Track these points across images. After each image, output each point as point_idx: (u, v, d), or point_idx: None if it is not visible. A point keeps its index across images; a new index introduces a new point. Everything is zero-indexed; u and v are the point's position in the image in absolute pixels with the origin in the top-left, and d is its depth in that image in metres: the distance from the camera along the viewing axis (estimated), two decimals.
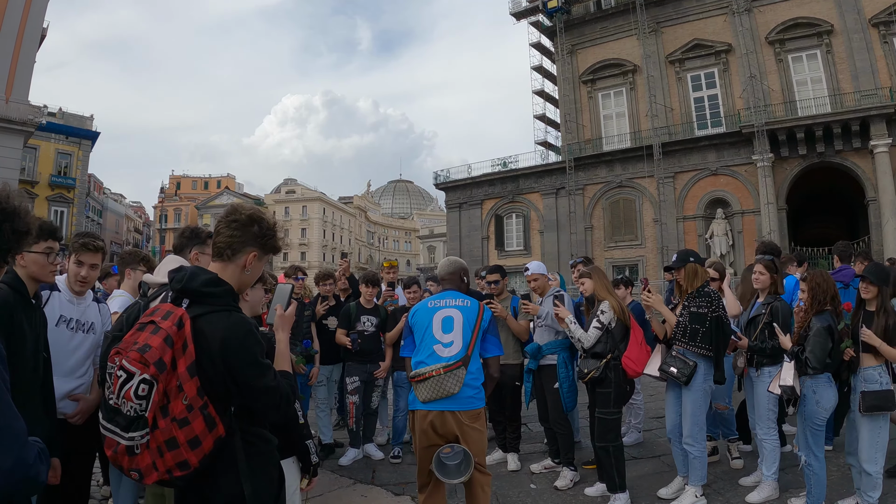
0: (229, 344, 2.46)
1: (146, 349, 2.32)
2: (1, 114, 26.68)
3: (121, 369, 2.32)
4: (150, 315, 2.50)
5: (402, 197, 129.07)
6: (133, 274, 5.31)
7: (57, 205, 51.77)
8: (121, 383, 2.30)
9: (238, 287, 2.74)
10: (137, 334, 2.41)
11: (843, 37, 31.92)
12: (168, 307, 2.51)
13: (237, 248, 2.70)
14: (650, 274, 35.43)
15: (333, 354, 7.91)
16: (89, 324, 4.21)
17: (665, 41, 38.12)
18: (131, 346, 2.35)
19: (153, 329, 2.39)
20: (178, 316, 2.44)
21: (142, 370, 2.29)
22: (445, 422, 4.42)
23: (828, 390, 5.22)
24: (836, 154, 31.38)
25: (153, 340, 2.35)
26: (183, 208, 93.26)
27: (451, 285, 4.88)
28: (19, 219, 2.22)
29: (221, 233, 2.72)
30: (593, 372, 5.86)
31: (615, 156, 38.72)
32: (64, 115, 55.02)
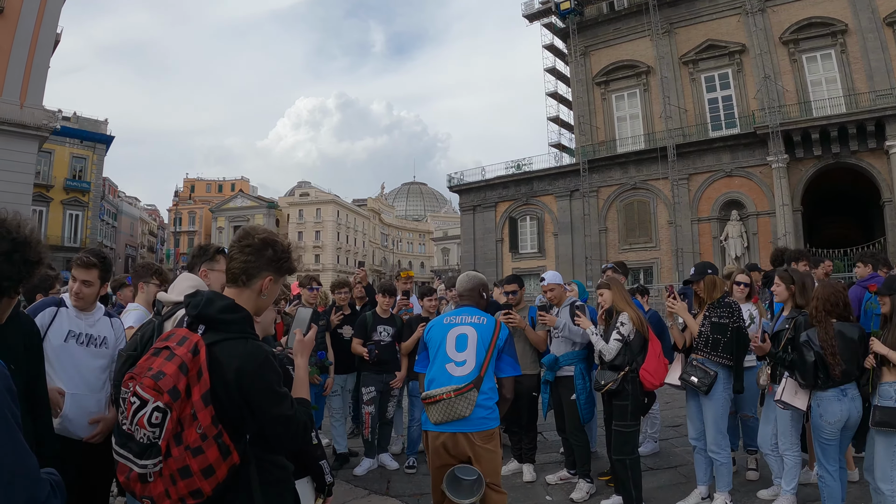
0: (245, 372, 2.41)
1: (160, 376, 2.27)
2: (15, 119, 26.84)
3: (134, 395, 2.27)
4: (165, 340, 2.45)
5: (416, 199, 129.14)
6: (146, 287, 5.28)
7: (72, 209, 52.12)
8: (134, 410, 2.26)
9: (255, 312, 2.69)
10: (152, 360, 2.36)
11: (858, 36, 31.76)
12: (183, 332, 2.46)
13: (252, 273, 2.66)
14: (664, 276, 35.36)
15: (348, 363, 7.90)
16: (101, 338, 4.17)
17: (678, 42, 38.02)
18: (145, 372, 2.30)
19: (168, 355, 2.35)
20: (193, 342, 2.39)
21: (155, 397, 2.25)
22: (457, 443, 4.37)
23: (833, 404, 5.13)
24: (851, 155, 31.16)
25: (168, 367, 2.30)
26: (197, 211, 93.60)
27: (470, 301, 4.84)
28: (30, 248, 2.25)
29: (235, 258, 2.68)
30: (610, 384, 5.80)
31: (629, 158, 38.62)
32: (79, 119, 55.27)
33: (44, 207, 48.71)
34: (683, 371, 5.93)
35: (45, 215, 49.48)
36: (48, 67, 29.54)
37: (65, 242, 50.76)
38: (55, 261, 47.01)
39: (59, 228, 51.05)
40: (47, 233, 49.35)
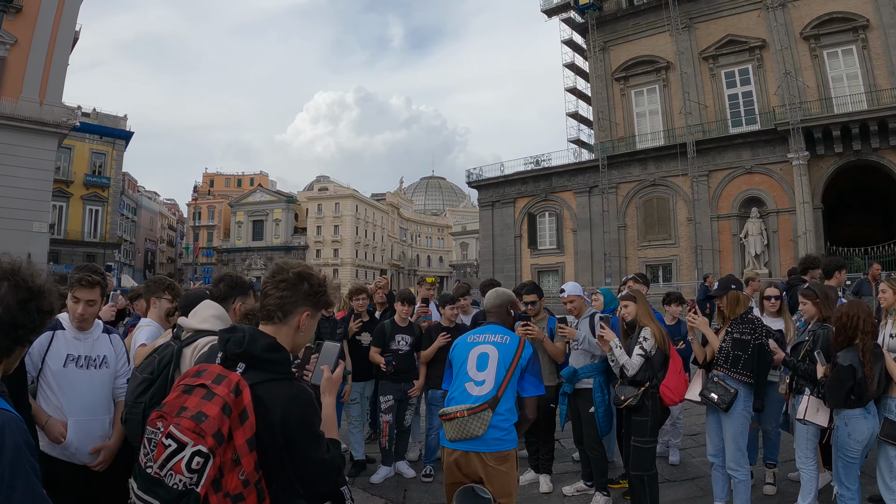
0: (291, 416, 2.33)
1: (202, 418, 2.14)
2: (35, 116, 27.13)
3: (168, 437, 2.13)
4: (196, 377, 2.33)
5: (435, 193, 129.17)
6: (158, 303, 5.28)
7: (92, 204, 52.57)
8: (169, 454, 2.11)
9: (292, 349, 2.60)
10: (184, 398, 2.24)
11: (879, 31, 31.48)
12: (218, 370, 2.34)
13: (289, 308, 2.57)
14: (683, 274, 35.24)
15: (366, 371, 7.92)
16: (101, 358, 4.13)
17: (698, 37, 37.81)
18: (179, 412, 2.18)
19: (205, 394, 2.23)
20: (233, 382, 2.27)
21: (196, 441, 2.11)
22: (470, 462, 4.34)
23: (860, 422, 5.11)
24: (872, 152, 30.92)
25: (210, 409, 2.17)
26: (216, 206, 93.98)
27: (497, 319, 4.81)
28: (45, 298, 2.24)
29: (270, 294, 2.59)
30: (630, 399, 5.78)
31: (649, 154, 38.52)
32: (98, 115, 55.75)
33: (64, 203, 49.17)
34: (704, 387, 5.88)
35: (65, 211, 49.97)
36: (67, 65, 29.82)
37: (85, 237, 51.27)
38: (76, 256, 47.45)
39: (80, 224, 51.52)
40: (67, 228, 49.89)
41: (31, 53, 27.57)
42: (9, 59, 27.02)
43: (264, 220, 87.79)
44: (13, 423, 1.97)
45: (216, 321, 3.85)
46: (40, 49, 27.73)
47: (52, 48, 28.16)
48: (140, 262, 77.65)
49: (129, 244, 70.22)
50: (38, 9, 27.79)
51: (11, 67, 27.02)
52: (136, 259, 76.00)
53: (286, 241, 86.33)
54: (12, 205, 25.85)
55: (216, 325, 3.80)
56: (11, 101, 26.61)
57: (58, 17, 28.42)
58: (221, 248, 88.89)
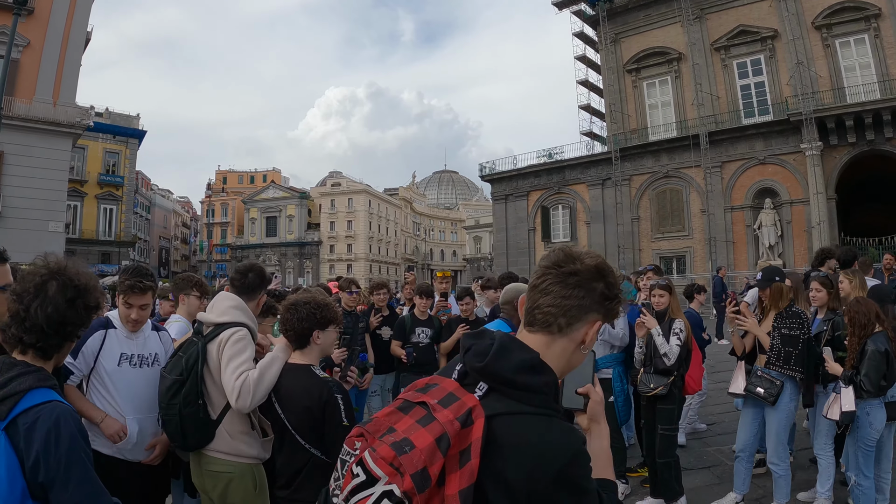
0: (548, 473, 1.49)
1: (404, 448, 1.48)
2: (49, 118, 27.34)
3: (359, 465, 1.52)
4: (422, 391, 1.64)
5: (448, 187, 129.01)
6: (187, 300, 5.42)
7: (106, 203, 53.00)
8: (355, 486, 1.52)
9: (560, 372, 1.77)
10: (397, 416, 1.60)
11: (892, 20, 31.26)
12: (452, 387, 1.62)
13: (575, 315, 1.76)
14: (697, 265, 35.22)
15: (387, 364, 8.08)
16: (153, 356, 4.15)
17: (710, 28, 37.65)
18: (384, 433, 1.55)
19: (423, 417, 1.56)
20: (466, 408, 1.54)
21: (390, 477, 1.46)
22: None
23: (880, 411, 5.26)
24: (886, 142, 30.73)
25: (420, 438, 1.50)
26: (230, 203, 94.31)
27: (506, 314, 4.94)
28: (90, 295, 2.37)
29: (551, 291, 1.78)
30: (661, 388, 5.95)
31: (661, 145, 38.45)
32: (111, 114, 56.15)
33: (78, 202, 49.55)
34: (748, 382, 5.93)
35: (80, 210, 50.35)
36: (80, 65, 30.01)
37: (99, 236, 51.67)
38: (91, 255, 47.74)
39: (94, 222, 51.96)
40: (82, 227, 50.29)
41: (44, 55, 27.77)
42: (22, 61, 27.19)
43: (277, 217, 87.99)
44: (68, 414, 2.12)
45: (236, 312, 3.97)
46: (53, 50, 27.93)
47: (64, 49, 28.36)
48: (154, 259, 77.93)
49: (143, 242, 70.53)
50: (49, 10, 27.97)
51: (25, 69, 27.21)
52: (151, 257, 76.25)
53: (300, 237, 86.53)
54: (28, 205, 26.09)
55: (237, 317, 3.92)
56: (26, 102, 26.80)
57: (69, 19, 28.61)
58: (235, 244, 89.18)
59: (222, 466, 3.75)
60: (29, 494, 2.01)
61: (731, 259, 33.93)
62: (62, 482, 2.03)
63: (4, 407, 2.05)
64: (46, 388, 2.17)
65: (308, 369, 3.58)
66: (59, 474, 2.03)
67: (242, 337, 3.81)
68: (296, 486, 3.38)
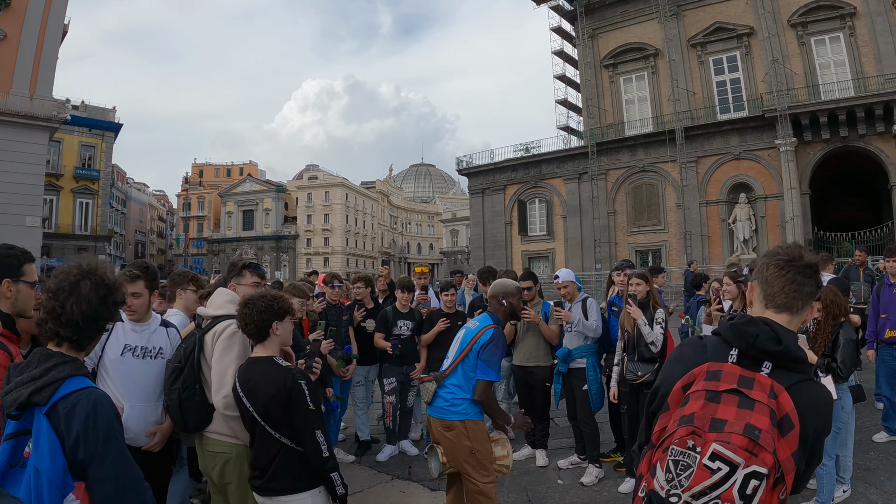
0: (827, 420, 2.04)
1: (755, 432, 1.79)
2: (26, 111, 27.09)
3: (714, 458, 1.78)
4: (712, 379, 1.99)
5: (425, 181, 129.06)
6: (184, 294, 5.53)
7: (82, 197, 52.67)
8: (718, 479, 1.76)
9: None
10: (713, 407, 1.89)
11: (866, 19, 31.63)
12: (737, 370, 1.99)
13: (808, 300, 2.19)
14: (673, 259, 35.55)
15: (370, 355, 8.21)
16: (157, 349, 4.33)
17: (686, 24, 37.94)
18: (716, 426, 1.84)
19: (741, 401, 1.89)
20: (767, 386, 1.91)
21: (748, 461, 1.75)
22: (430, 424, 4.91)
23: (848, 395, 5.54)
24: (859, 138, 31.19)
25: (759, 420, 1.82)
26: (206, 196, 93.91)
27: (491, 307, 5.10)
28: (118, 291, 2.56)
29: (795, 280, 2.18)
30: (648, 375, 6.18)
31: (637, 140, 38.72)
32: (87, 107, 55.68)
33: (54, 196, 49.18)
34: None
35: (56, 204, 50.01)
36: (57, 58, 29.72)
37: (76, 231, 51.35)
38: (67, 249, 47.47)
39: (70, 217, 51.61)
40: (58, 221, 49.92)
41: (21, 47, 27.47)
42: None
43: (254, 210, 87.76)
44: (104, 399, 2.35)
45: (231, 306, 4.18)
46: (29, 43, 27.64)
47: (41, 42, 28.06)
48: (131, 254, 77.48)
49: (119, 237, 70.20)
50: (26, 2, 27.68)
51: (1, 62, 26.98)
52: (127, 251, 75.87)
53: (276, 230, 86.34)
54: (5, 200, 25.85)
55: (231, 310, 4.11)
56: (2, 95, 26.54)
57: (46, 10, 28.31)
58: (212, 238, 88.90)
59: (220, 447, 3.94)
60: (69, 472, 2.19)
61: (707, 253, 34.31)
62: (100, 459, 2.23)
63: (45, 393, 2.23)
64: (82, 376, 2.37)
65: (270, 360, 3.69)
66: (98, 452, 2.22)
67: (235, 332, 4.00)
68: (269, 475, 3.52)
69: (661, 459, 1.91)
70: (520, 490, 6.56)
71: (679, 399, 2.05)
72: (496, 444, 4.85)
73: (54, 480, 2.14)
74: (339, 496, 3.54)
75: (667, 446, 1.90)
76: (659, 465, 1.90)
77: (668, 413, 2.06)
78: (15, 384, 2.26)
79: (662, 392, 2.23)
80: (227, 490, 3.93)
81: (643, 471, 2.07)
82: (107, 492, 2.24)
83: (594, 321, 7.03)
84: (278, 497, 3.53)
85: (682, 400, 2.02)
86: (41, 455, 2.15)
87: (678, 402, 2.04)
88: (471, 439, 4.65)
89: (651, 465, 1.98)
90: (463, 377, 4.74)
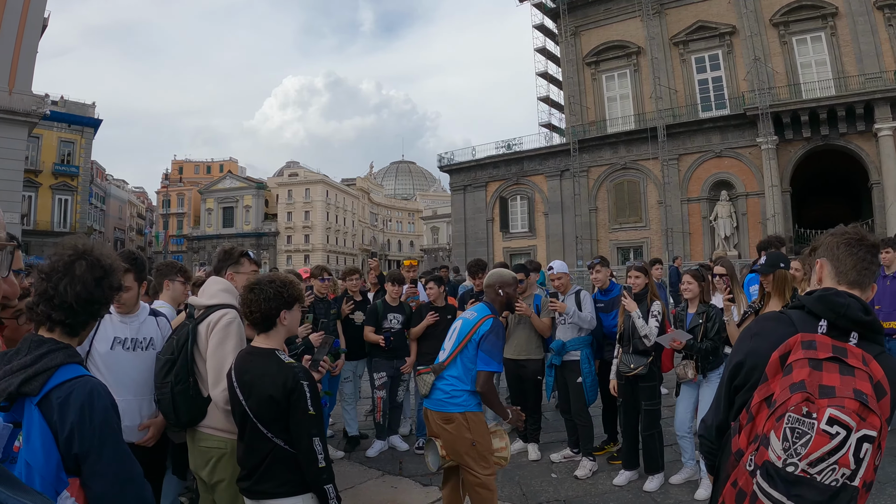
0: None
1: (863, 396, 1.85)
2: (4, 105, 26.78)
3: (831, 423, 1.82)
4: (809, 348, 2.01)
5: (405, 178, 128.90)
6: (172, 285, 5.41)
7: (61, 193, 52.03)
8: (836, 444, 1.81)
9: None
10: (816, 375, 1.92)
11: (848, 19, 31.91)
12: (829, 340, 2.03)
13: (870, 276, 2.31)
14: (654, 256, 35.55)
15: (359, 350, 8.14)
16: (147, 340, 4.15)
17: (669, 23, 38.09)
18: (825, 392, 1.88)
19: (842, 368, 1.94)
20: (857, 356, 1.96)
21: (859, 424, 1.81)
22: (427, 417, 4.84)
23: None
24: (840, 137, 31.49)
25: (863, 386, 1.89)
26: (186, 193, 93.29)
27: (487, 297, 5.04)
28: (116, 275, 2.41)
29: (864, 258, 2.28)
30: (641, 368, 6.23)
31: (619, 138, 38.80)
32: (66, 103, 55.00)
33: (32, 193, 48.53)
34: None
35: (35, 201, 49.36)
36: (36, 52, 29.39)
37: (54, 227, 50.65)
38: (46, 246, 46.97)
39: (49, 214, 50.97)
40: (37, 218, 49.35)
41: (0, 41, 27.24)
42: None
43: (234, 207, 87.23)
44: (100, 387, 2.17)
45: (225, 295, 4.04)
46: (9, 37, 27.27)
47: (20, 36, 27.70)
48: None
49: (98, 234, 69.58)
50: None
51: None
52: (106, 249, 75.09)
53: (257, 227, 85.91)
54: None
55: (226, 299, 3.99)
56: None
57: (26, 4, 28.02)
58: (192, 235, 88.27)
59: (213, 442, 3.77)
60: (63, 468, 2.04)
61: (688, 250, 34.38)
62: (97, 453, 2.07)
63: (37, 382, 2.07)
64: (76, 363, 2.21)
65: (273, 354, 3.40)
66: (94, 445, 2.06)
67: (231, 321, 3.86)
68: (257, 477, 3.25)
69: (775, 428, 1.92)
70: (514, 484, 6.51)
71: (777, 369, 2.06)
72: (494, 436, 4.80)
73: (47, 476, 1.99)
74: None
75: (780, 414, 1.92)
76: (774, 434, 1.91)
77: (766, 384, 2.07)
78: (3, 373, 2.10)
79: (750, 365, 2.25)
80: (216, 489, 3.75)
81: (741, 445, 2.08)
82: (104, 488, 2.08)
83: (588, 312, 6.99)
84: (267, 501, 3.26)
85: (784, 369, 2.03)
86: (33, 449, 2.00)
87: (777, 371, 2.06)
88: (471, 431, 4.59)
89: (759, 436, 1.99)
90: (462, 368, 4.68)
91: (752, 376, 2.20)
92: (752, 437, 2.03)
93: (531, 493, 6.29)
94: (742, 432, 2.08)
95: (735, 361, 2.34)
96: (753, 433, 2.02)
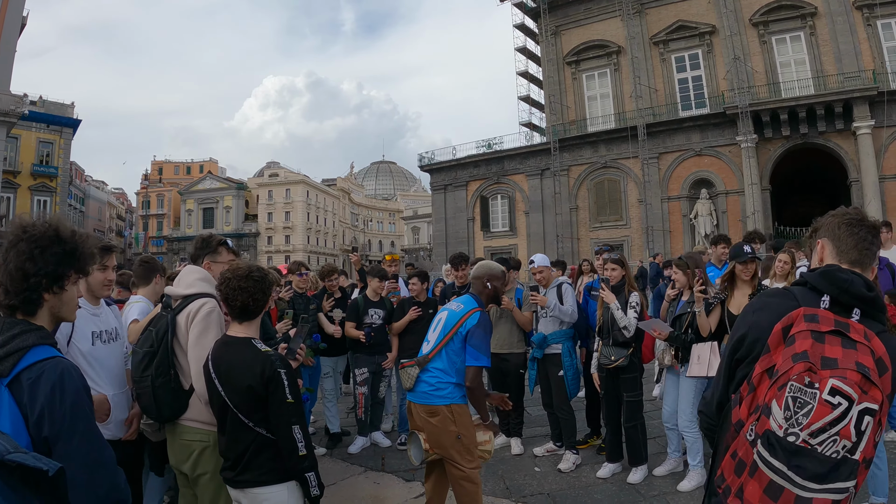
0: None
1: (865, 369, 1.82)
2: None
3: (833, 393, 1.80)
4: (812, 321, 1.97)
5: (386, 178, 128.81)
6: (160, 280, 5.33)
7: (40, 194, 51.66)
8: (838, 415, 1.79)
9: None
10: (819, 347, 1.89)
11: (827, 19, 32.18)
12: (831, 315, 2.00)
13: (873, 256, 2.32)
14: (635, 254, 35.70)
15: (339, 346, 8.07)
16: (114, 330, 4.04)
17: (649, 22, 38.24)
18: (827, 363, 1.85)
19: (844, 342, 1.91)
20: (860, 331, 1.93)
21: (861, 397, 1.79)
22: (411, 411, 4.77)
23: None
24: (819, 135, 31.78)
25: (864, 359, 1.86)
26: (166, 194, 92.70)
27: (474, 289, 5.00)
28: (56, 245, 2.33)
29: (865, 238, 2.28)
30: (622, 360, 6.21)
31: (600, 137, 38.98)
32: (45, 103, 54.56)
33: (11, 194, 48.15)
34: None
35: (13, 202, 48.93)
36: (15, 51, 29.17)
37: None
38: None
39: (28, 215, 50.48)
40: None
41: None
42: None
43: (215, 208, 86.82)
44: (72, 369, 2.10)
45: (203, 284, 3.95)
46: None
47: None
48: None
49: None
50: None
51: None
52: None
53: (237, 228, 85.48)
54: None
55: (204, 288, 3.89)
56: None
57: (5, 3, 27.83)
58: (171, 236, 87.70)
59: (195, 435, 3.68)
60: (33, 451, 1.92)
61: (668, 247, 34.47)
62: (67, 435, 2.01)
63: (8, 363, 2.01)
64: (48, 345, 2.15)
65: (249, 342, 3.38)
66: (64, 428, 2.00)
67: (211, 310, 3.78)
68: (241, 467, 3.24)
69: (776, 397, 1.88)
70: (497, 478, 6.48)
71: (780, 340, 2.03)
72: (478, 429, 4.74)
73: None
74: (312, 497, 3.27)
75: (782, 383, 1.88)
76: (775, 403, 1.88)
77: (768, 355, 2.03)
78: None
79: (752, 338, 2.22)
80: (199, 482, 3.66)
81: (741, 416, 2.05)
82: (73, 473, 1.93)
83: (570, 306, 6.95)
84: (251, 489, 3.24)
85: (787, 340, 1.99)
86: (2, 431, 1.91)
87: (779, 342, 2.03)
88: (457, 424, 4.55)
89: (760, 406, 1.95)
90: (447, 361, 4.63)
91: (753, 349, 2.18)
92: (752, 408, 2.00)
93: (515, 487, 6.26)
94: (743, 403, 2.07)
95: (738, 335, 2.33)
96: (754, 404, 2.00)
